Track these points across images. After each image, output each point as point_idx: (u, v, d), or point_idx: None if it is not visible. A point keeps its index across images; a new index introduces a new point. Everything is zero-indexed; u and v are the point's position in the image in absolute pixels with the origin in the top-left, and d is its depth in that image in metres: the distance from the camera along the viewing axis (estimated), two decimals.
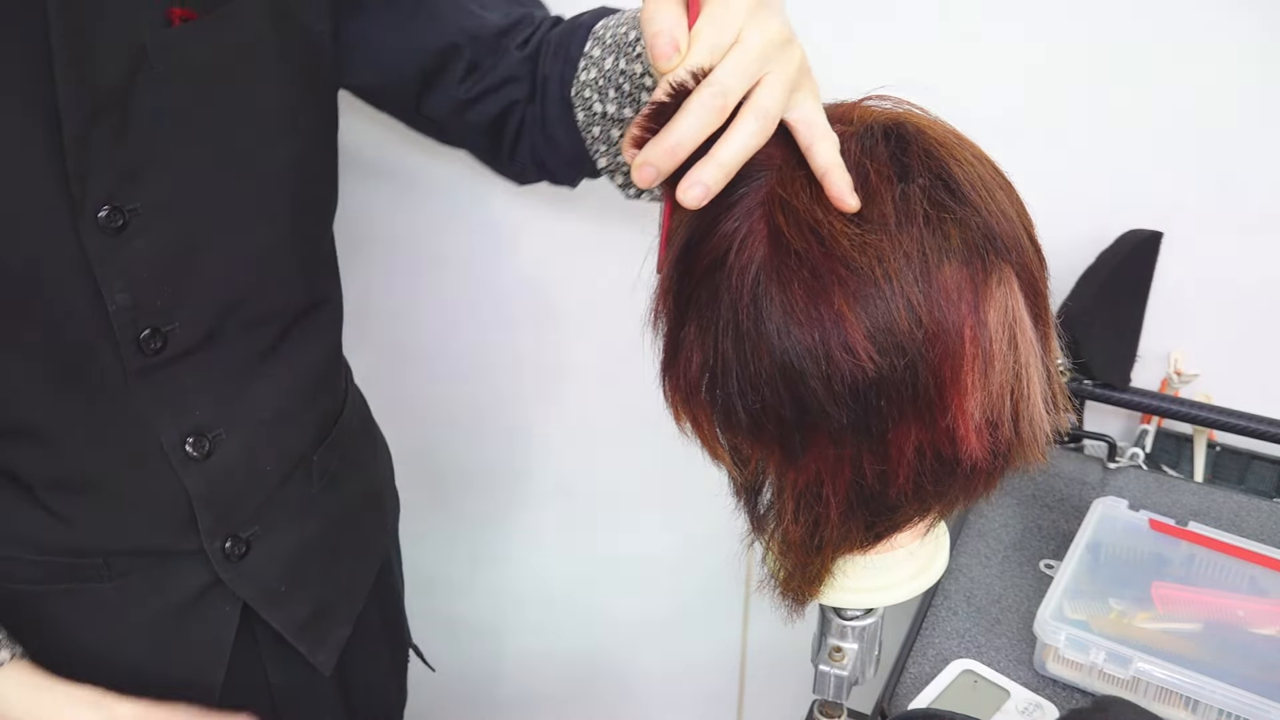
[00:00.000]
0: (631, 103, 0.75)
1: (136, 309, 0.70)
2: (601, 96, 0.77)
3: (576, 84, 0.78)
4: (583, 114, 0.78)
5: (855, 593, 0.65)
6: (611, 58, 0.76)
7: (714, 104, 0.54)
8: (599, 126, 0.78)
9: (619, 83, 0.75)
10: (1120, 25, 0.95)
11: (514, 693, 1.65)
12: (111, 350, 0.70)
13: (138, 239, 0.68)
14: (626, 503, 1.39)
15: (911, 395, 0.53)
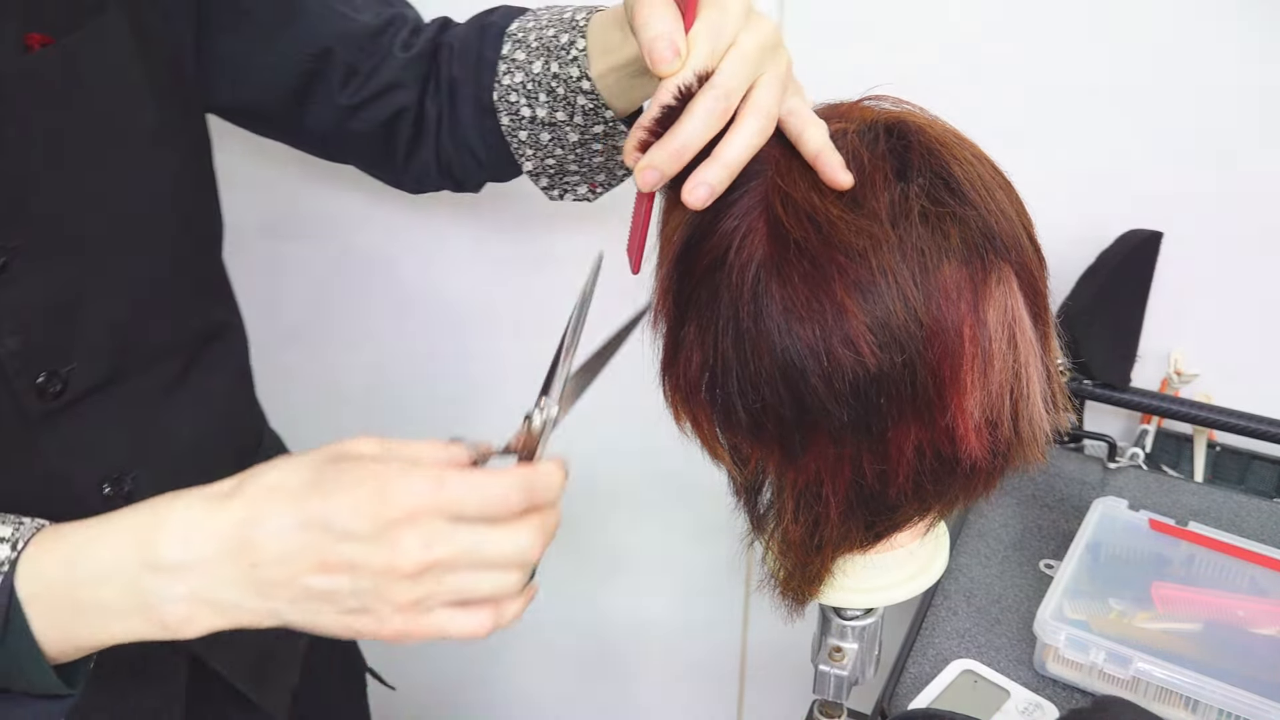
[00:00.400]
0: (565, 106, 0.75)
1: (30, 351, 0.65)
2: (530, 100, 0.76)
3: (499, 88, 0.77)
4: (508, 119, 0.77)
5: (855, 593, 0.65)
6: (540, 61, 0.75)
7: (718, 106, 0.55)
8: (526, 131, 0.77)
9: (551, 86, 0.74)
10: (1120, 25, 0.95)
11: (513, 693, 1.65)
12: (9, 399, 0.65)
13: (22, 279, 0.64)
14: (626, 503, 1.39)
15: (911, 394, 0.54)
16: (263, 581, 0.51)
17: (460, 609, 0.53)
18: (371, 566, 0.50)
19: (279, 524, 0.51)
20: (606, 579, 1.48)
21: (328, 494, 0.51)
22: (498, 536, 0.52)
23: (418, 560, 0.50)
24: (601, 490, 1.40)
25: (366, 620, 0.52)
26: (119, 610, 0.53)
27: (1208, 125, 0.96)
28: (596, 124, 0.75)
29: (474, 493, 0.51)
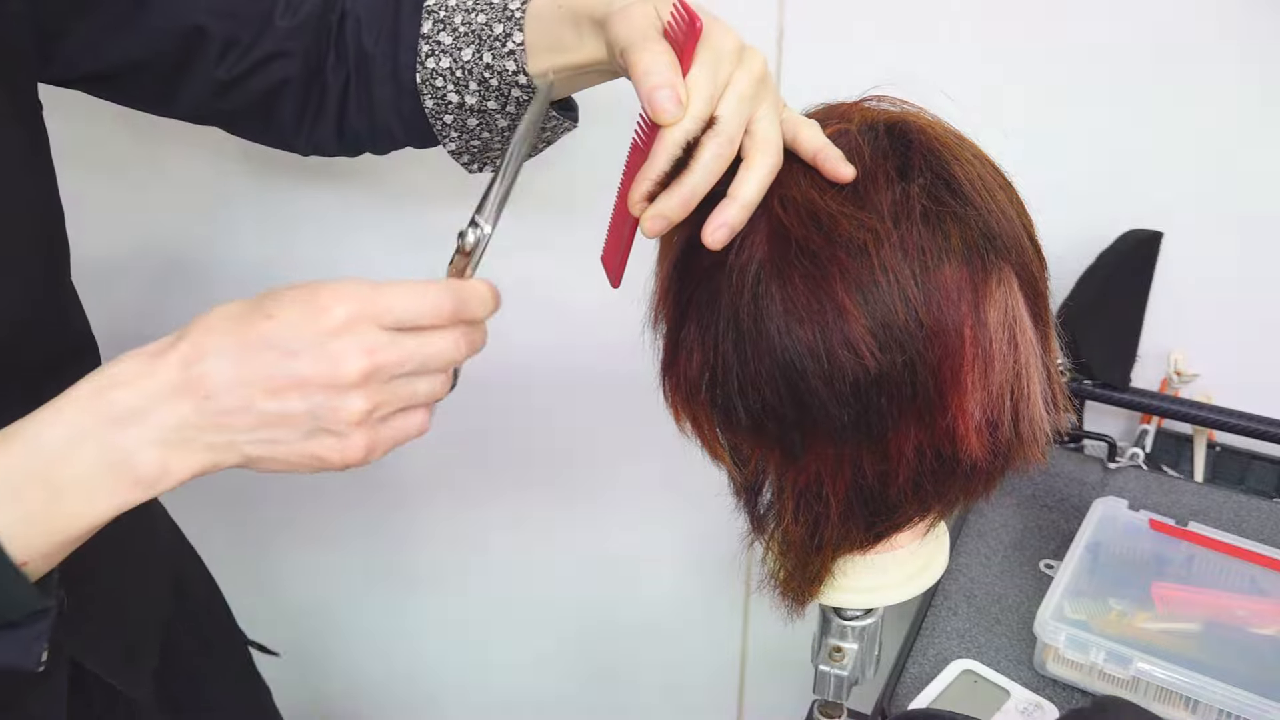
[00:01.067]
0: (497, 97, 0.73)
1: None
2: (459, 88, 0.74)
3: (423, 70, 0.75)
4: (432, 102, 0.75)
5: (855, 593, 0.65)
6: (470, 49, 0.73)
7: (723, 153, 0.56)
8: (452, 115, 0.75)
9: (483, 77, 0.73)
10: (1120, 25, 0.95)
11: (514, 693, 1.65)
12: None
13: None
14: (626, 503, 1.39)
15: (911, 394, 0.54)
16: (218, 412, 0.51)
17: (406, 414, 0.55)
18: (318, 379, 0.51)
19: (224, 354, 0.51)
20: (606, 579, 1.48)
21: (268, 317, 0.51)
22: (429, 338, 0.54)
23: (361, 366, 0.51)
24: (602, 490, 1.40)
25: (328, 441, 0.53)
26: (95, 477, 0.51)
27: (1208, 125, 0.96)
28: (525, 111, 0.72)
29: (405, 299, 0.52)
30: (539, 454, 1.41)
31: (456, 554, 1.54)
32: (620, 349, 1.27)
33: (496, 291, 0.57)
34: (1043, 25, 0.97)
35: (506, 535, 1.50)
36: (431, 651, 1.64)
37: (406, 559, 1.56)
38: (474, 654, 1.63)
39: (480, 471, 1.45)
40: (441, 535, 1.53)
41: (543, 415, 1.38)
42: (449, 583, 1.57)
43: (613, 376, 1.30)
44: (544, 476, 1.42)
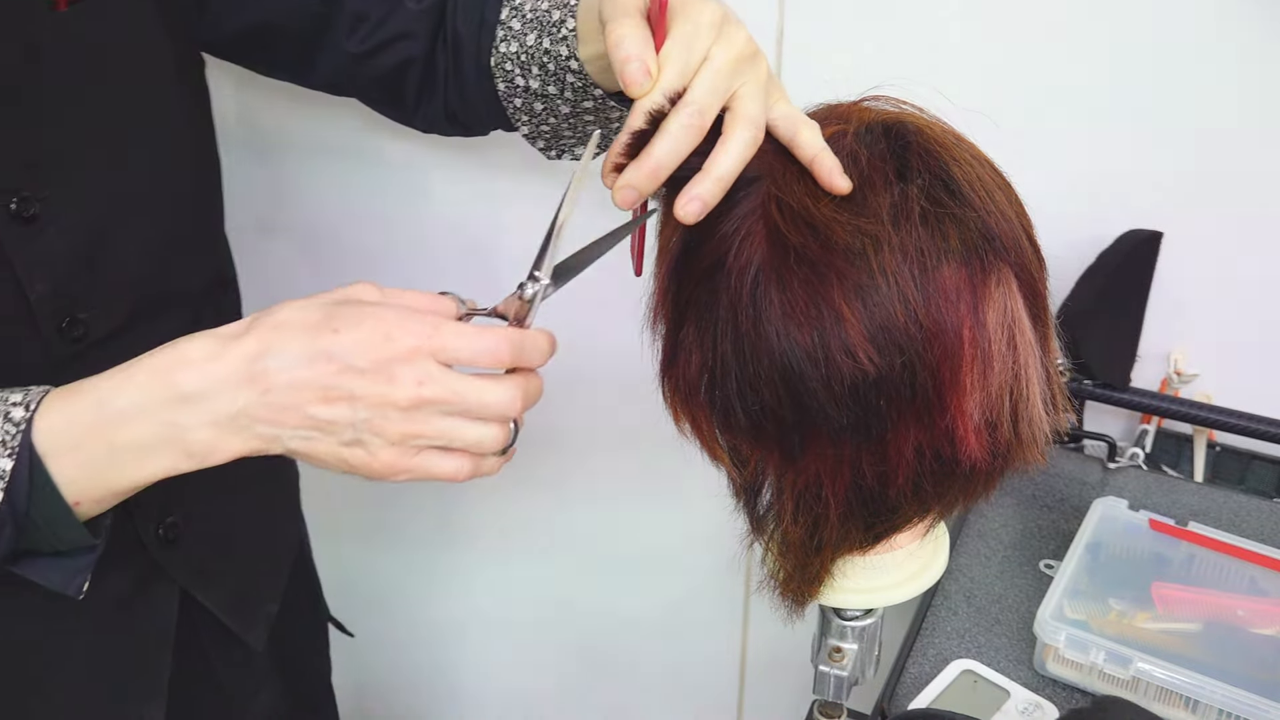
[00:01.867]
0: (555, 82, 0.76)
1: (56, 297, 0.69)
2: (524, 72, 0.77)
3: (496, 54, 0.79)
4: (504, 85, 0.79)
5: (855, 593, 0.65)
6: (534, 34, 0.76)
7: (691, 123, 0.55)
8: (520, 99, 0.79)
9: (543, 61, 0.76)
10: (1120, 25, 0.95)
11: (513, 692, 1.65)
12: (36, 341, 0.69)
13: (50, 227, 0.68)
14: (626, 503, 1.39)
15: (910, 396, 0.54)
16: (273, 407, 0.55)
17: (443, 454, 0.58)
18: (369, 398, 0.55)
19: (290, 355, 0.55)
20: (606, 579, 1.48)
21: (335, 331, 0.55)
22: (483, 385, 0.56)
23: (411, 395, 0.55)
24: (601, 490, 1.40)
25: (359, 452, 0.56)
26: (151, 445, 0.56)
27: (1208, 125, 0.95)
28: (586, 100, 0.77)
29: (465, 341, 0.56)
30: (539, 454, 1.41)
31: (456, 554, 1.54)
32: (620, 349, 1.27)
33: (554, 341, 0.60)
34: (1042, 25, 0.97)
35: (506, 535, 1.50)
36: (431, 651, 1.64)
37: (406, 559, 1.56)
38: (474, 654, 1.63)
39: None
40: (440, 535, 1.53)
41: (542, 415, 1.38)
42: (448, 583, 1.57)
43: (613, 376, 1.30)
44: (544, 476, 1.42)
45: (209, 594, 0.85)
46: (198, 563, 0.84)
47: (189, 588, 0.83)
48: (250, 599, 0.91)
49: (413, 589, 1.58)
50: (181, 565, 0.82)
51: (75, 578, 0.59)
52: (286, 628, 0.98)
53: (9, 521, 0.55)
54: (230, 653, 0.91)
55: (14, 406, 0.56)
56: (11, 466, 0.55)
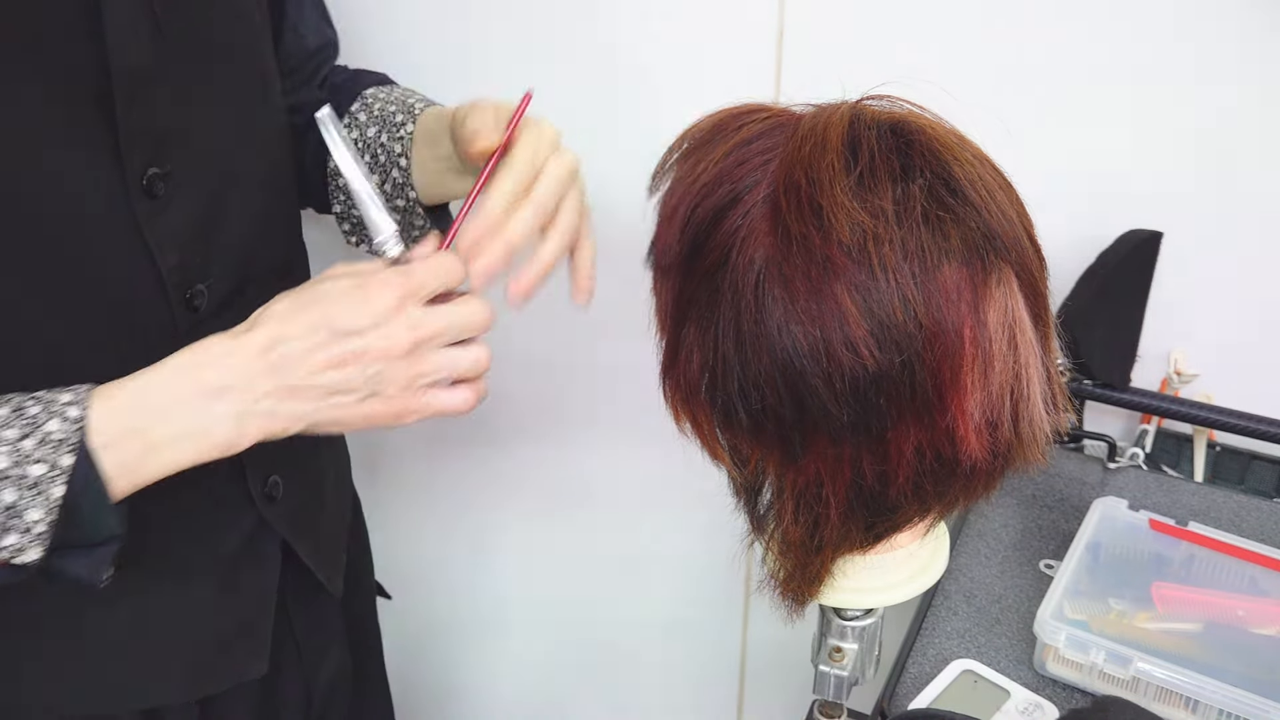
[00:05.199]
0: (381, 171, 0.86)
1: (183, 269, 0.73)
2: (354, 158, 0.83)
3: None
4: (332, 164, 0.89)
5: (855, 593, 0.65)
6: (375, 128, 0.87)
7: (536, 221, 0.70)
8: (342, 179, 0.84)
9: (375, 152, 0.86)
10: (1121, 25, 0.95)
11: (513, 692, 1.65)
12: (165, 310, 0.73)
13: (175, 200, 0.72)
14: (626, 503, 1.39)
15: (911, 395, 0.54)
16: (291, 388, 0.63)
17: (450, 389, 0.67)
18: (373, 352, 0.63)
19: (294, 336, 0.62)
20: (606, 579, 1.48)
21: (326, 305, 0.63)
22: (459, 309, 0.65)
23: (408, 339, 0.63)
24: (602, 490, 1.40)
25: (375, 404, 0.64)
26: (183, 440, 0.62)
27: (1208, 125, 0.96)
28: (399, 198, 0.86)
29: (427, 272, 0.65)
30: (539, 454, 1.41)
31: (456, 554, 1.55)
32: (620, 349, 1.27)
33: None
34: (1043, 25, 0.97)
35: (506, 535, 1.50)
36: (431, 651, 1.64)
37: (407, 559, 1.56)
38: (473, 653, 1.63)
39: (480, 472, 1.45)
40: (438, 536, 1.53)
41: (543, 415, 1.38)
42: (448, 583, 1.58)
43: (613, 376, 1.30)
44: (544, 476, 1.42)
45: (302, 544, 0.89)
46: (295, 515, 0.88)
47: (290, 539, 0.88)
48: (331, 547, 0.96)
49: (412, 589, 1.59)
50: (284, 519, 0.86)
51: (101, 567, 0.62)
52: (348, 591, 1.02)
53: (63, 515, 0.59)
54: (308, 610, 0.94)
55: (68, 406, 0.60)
56: (73, 462, 0.59)
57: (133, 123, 0.67)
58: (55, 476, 0.58)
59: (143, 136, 0.69)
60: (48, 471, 0.58)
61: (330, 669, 0.99)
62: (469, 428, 1.41)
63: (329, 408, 0.64)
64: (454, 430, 1.43)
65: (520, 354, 1.33)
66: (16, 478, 0.58)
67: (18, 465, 0.58)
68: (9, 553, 0.58)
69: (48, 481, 0.58)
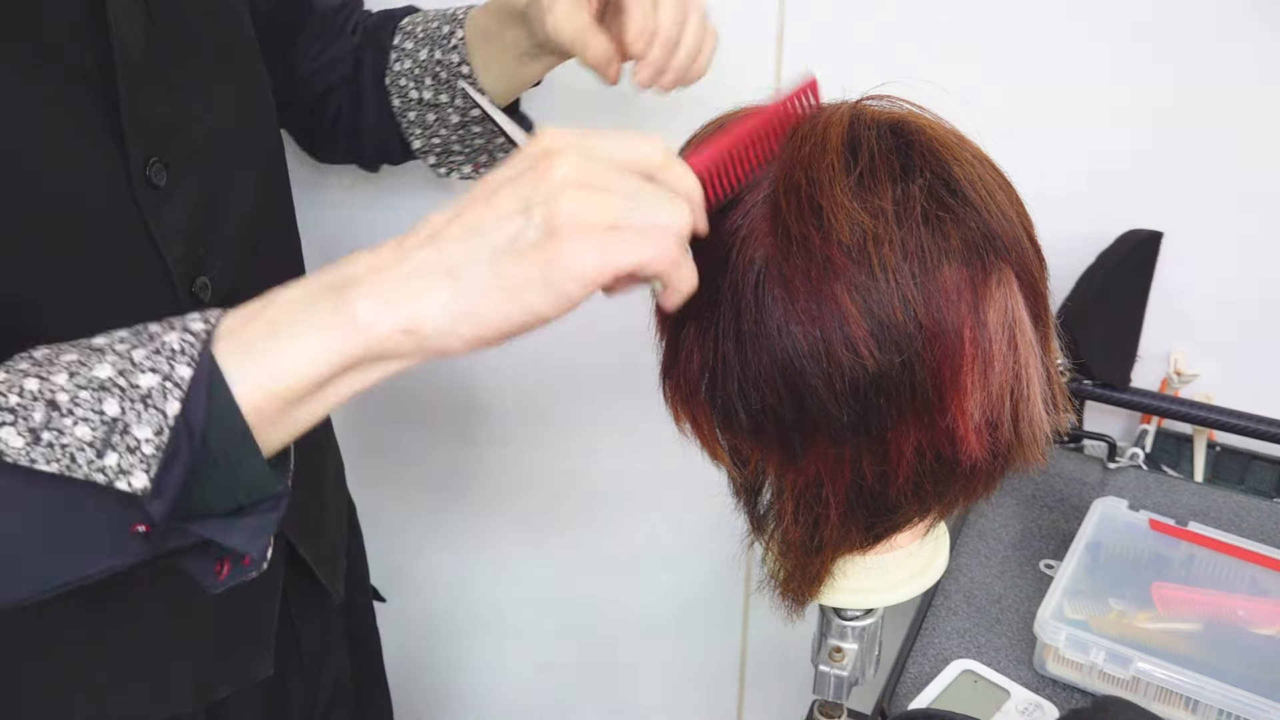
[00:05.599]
0: (447, 90, 0.86)
1: (189, 260, 0.72)
2: (418, 84, 0.86)
3: (390, 74, 0.89)
4: (399, 100, 0.89)
5: (855, 593, 0.65)
6: (426, 49, 0.86)
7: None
8: (415, 111, 0.89)
9: (435, 71, 0.86)
10: (1121, 25, 0.95)
11: (513, 692, 1.65)
12: (171, 303, 0.71)
13: (177, 190, 0.71)
14: (626, 503, 1.39)
15: (910, 395, 0.54)
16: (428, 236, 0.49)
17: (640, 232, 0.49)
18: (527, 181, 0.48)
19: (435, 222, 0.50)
20: (606, 579, 1.48)
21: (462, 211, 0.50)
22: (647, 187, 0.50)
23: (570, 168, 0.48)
24: (601, 490, 1.40)
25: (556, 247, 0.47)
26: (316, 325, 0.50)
27: (1208, 125, 0.95)
28: (474, 107, 0.86)
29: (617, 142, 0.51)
30: (539, 454, 1.41)
31: (454, 555, 1.54)
32: (621, 349, 1.27)
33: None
34: (1043, 25, 0.97)
35: (505, 535, 1.50)
36: (430, 652, 1.64)
37: (407, 559, 1.56)
38: (474, 654, 1.63)
39: (480, 471, 1.45)
40: (437, 537, 1.53)
41: (542, 415, 1.38)
42: (448, 584, 1.57)
43: (613, 376, 1.30)
44: (544, 476, 1.42)
45: (306, 545, 0.89)
46: (299, 514, 0.88)
47: (293, 539, 0.87)
48: (332, 549, 0.96)
49: (411, 590, 1.58)
50: (286, 520, 0.83)
51: (258, 538, 0.51)
52: (349, 594, 1.02)
53: (185, 445, 0.48)
54: (311, 613, 0.94)
55: (193, 321, 0.50)
56: (191, 375, 0.48)
57: (134, 112, 0.67)
58: (169, 390, 0.48)
59: (144, 125, 0.68)
60: (161, 382, 0.48)
61: (332, 673, 0.99)
62: (468, 428, 1.41)
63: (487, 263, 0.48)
64: (452, 431, 1.43)
65: (518, 354, 1.33)
66: (123, 388, 0.47)
67: (125, 375, 0.48)
68: (110, 474, 0.47)
69: (159, 394, 0.47)
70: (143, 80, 0.68)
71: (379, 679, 1.19)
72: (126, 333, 0.50)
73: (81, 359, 0.49)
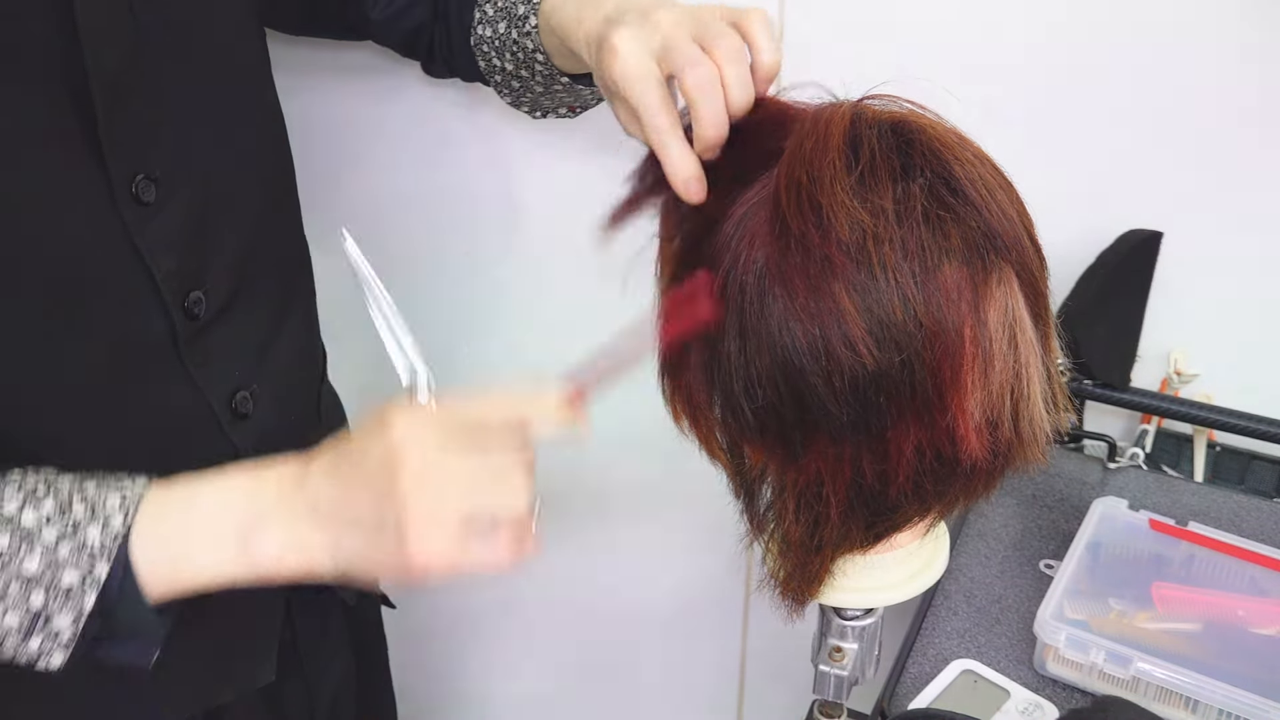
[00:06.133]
0: (526, 66, 0.83)
1: (180, 274, 0.71)
2: (499, 55, 0.84)
3: (474, 35, 0.87)
4: (483, 63, 0.87)
5: (855, 593, 0.65)
6: (504, 23, 0.83)
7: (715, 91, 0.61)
8: (499, 75, 0.87)
9: (512, 49, 0.83)
10: (1121, 25, 0.95)
11: (513, 692, 1.65)
12: (163, 319, 0.71)
13: (167, 204, 0.70)
14: (627, 502, 1.39)
15: (910, 394, 0.54)
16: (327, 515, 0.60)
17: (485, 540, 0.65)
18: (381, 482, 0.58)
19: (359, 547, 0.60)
20: (607, 579, 1.48)
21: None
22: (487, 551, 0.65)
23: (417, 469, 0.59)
24: (602, 490, 1.40)
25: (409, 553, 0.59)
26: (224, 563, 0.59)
27: (1208, 125, 0.95)
28: (556, 84, 0.85)
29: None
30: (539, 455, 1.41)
31: None
32: None
33: None
34: (1043, 25, 0.97)
35: None
36: (431, 652, 1.64)
37: None
38: (474, 654, 1.63)
39: None
40: None
41: None
42: (447, 586, 1.57)
43: None
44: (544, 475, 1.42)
45: None
46: None
47: None
48: None
49: (411, 593, 1.58)
50: None
51: (148, 650, 0.61)
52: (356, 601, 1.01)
53: (96, 623, 0.58)
54: (313, 617, 0.93)
55: (114, 514, 0.58)
56: (108, 571, 0.57)
57: (115, 127, 0.65)
58: (88, 588, 0.57)
59: (128, 141, 0.67)
60: (80, 582, 0.57)
61: (334, 678, 0.98)
62: None
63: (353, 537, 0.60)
64: None
65: (517, 355, 1.33)
66: (48, 584, 0.57)
67: (51, 568, 0.57)
68: (33, 656, 0.58)
69: (79, 592, 0.57)
70: (126, 94, 0.65)
71: (384, 685, 1.19)
72: (54, 510, 0.58)
73: (14, 549, 0.56)
